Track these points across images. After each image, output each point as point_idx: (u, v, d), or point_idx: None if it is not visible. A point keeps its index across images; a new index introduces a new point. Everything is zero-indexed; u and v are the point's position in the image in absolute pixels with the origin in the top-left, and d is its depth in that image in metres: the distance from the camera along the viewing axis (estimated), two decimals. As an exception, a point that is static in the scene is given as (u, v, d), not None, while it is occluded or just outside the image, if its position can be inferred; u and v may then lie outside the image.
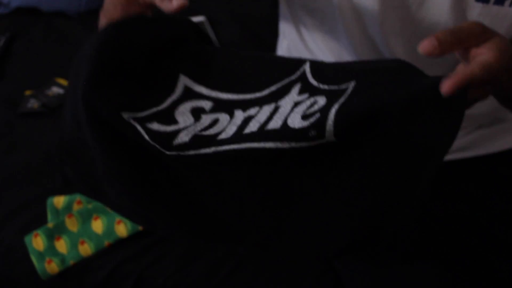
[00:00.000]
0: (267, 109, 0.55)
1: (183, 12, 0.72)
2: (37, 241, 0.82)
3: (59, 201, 0.86)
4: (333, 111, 0.51)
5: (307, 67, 0.57)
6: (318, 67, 0.57)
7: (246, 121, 0.55)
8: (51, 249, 0.82)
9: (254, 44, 1.25)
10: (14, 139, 1.01)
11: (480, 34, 0.55)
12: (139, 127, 0.55)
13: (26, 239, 0.83)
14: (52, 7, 1.32)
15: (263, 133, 0.52)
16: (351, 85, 0.53)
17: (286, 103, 0.55)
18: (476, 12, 0.73)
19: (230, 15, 1.33)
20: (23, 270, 0.83)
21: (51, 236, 0.83)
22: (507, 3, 0.71)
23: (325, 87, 0.55)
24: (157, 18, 0.65)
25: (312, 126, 0.51)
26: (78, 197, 0.86)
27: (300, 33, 0.87)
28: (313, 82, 0.56)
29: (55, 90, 1.01)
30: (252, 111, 0.56)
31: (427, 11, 0.74)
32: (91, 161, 0.59)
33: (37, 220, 0.87)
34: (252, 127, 0.54)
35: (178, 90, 0.58)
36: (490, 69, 0.52)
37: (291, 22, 0.87)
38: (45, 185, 0.93)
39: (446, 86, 0.51)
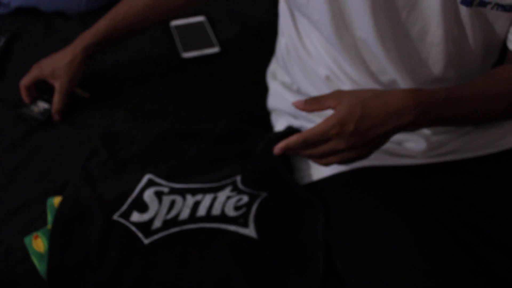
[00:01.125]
0: (209, 197, 0.84)
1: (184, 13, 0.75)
2: (37, 243, 0.82)
3: (59, 201, 0.86)
4: (254, 206, 0.84)
5: (238, 178, 0.87)
6: (246, 178, 0.87)
7: (196, 205, 0.83)
8: None
9: (254, 44, 1.25)
10: (14, 139, 1.01)
11: (335, 97, 0.70)
12: (126, 223, 0.81)
13: (26, 240, 0.83)
14: (52, 7, 1.32)
15: (210, 217, 0.82)
16: (264, 194, 0.85)
17: (221, 195, 0.85)
18: (463, 15, 0.74)
19: (230, 15, 1.33)
20: (23, 270, 0.83)
21: None
22: (489, 6, 0.72)
23: (248, 190, 0.86)
24: None
25: (240, 215, 0.83)
26: None
27: (298, 32, 0.87)
28: (240, 186, 0.86)
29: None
30: (198, 197, 0.84)
31: (418, 15, 0.75)
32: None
33: (37, 220, 0.87)
34: (201, 211, 0.83)
35: (144, 181, 0.87)
36: (309, 135, 0.69)
37: (289, 21, 0.88)
38: (45, 185, 0.93)
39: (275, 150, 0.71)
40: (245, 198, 0.85)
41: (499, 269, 0.73)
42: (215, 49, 1.23)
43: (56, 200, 0.86)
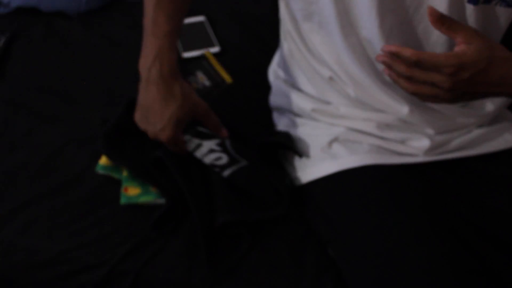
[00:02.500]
0: (195, 141, 0.88)
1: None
2: (132, 191, 0.87)
3: (104, 161, 0.92)
4: (226, 172, 0.86)
5: (228, 141, 0.90)
6: (235, 144, 0.90)
7: (198, 146, 0.89)
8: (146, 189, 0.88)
9: (254, 44, 1.25)
10: (14, 139, 1.01)
11: (469, 35, 0.66)
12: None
13: (123, 200, 0.87)
14: (52, 7, 1.32)
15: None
16: (243, 162, 0.87)
17: (206, 145, 0.88)
18: (469, 13, 0.74)
19: (230, 15, 1.33)
20: (23, 270, 0.83)
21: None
22: (493, 2, 0.72)
23: (232, 152, 0.88)
24: None
25: (212, 172, 0.87)
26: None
27: (301, 35, 0.86)
28: (227, 145, 0.89)
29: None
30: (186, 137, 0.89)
31: (424, 14, 0.74)
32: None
33: (37, 220, 0.87)
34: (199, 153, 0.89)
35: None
36: (427, 57, 0.65)
37: (291, 25, 0.87)
38: (45, 185, 0.93)
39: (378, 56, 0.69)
40: (224, 159, 0.86)
41: (501, 269, 0.73)
42: (215, 49, 1.23)
43: (103, 160, 0.92)
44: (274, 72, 1.03)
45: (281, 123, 0.97)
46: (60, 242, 0.85)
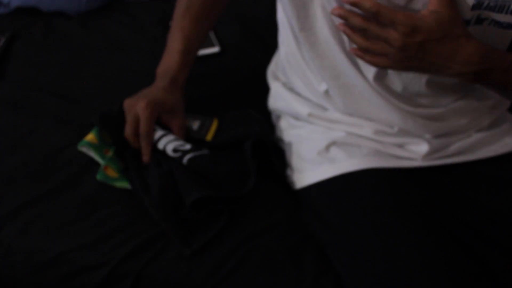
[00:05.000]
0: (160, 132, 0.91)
1: None
2: (110, 172, 0.90)
3: (91, 137, 0.93)
4: (187, 157, 0.87)
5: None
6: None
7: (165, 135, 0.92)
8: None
9: (254, 44, 1.25)
10: (14, 139, 1.01)
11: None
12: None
13: (99, 177, 0.89)
14: (52, 7, 1.32)
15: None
16: (205, 151, 0.89)
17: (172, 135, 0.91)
18: None
19: (230, 15, 1.33)
20: (23, 270, 0.83)
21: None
22: (486, 22, 0.72)
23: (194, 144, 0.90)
24: None
25: (175, 158, 0.88)
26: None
27: (297, 42, 0.86)
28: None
29: None
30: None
31: None
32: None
33: (37, 221, 0.87)
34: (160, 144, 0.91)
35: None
36: (384, 9, 0.65)
37: (288, 31, 0.87)
38: (45, 185, 0.93)
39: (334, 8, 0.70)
40: (188, 146, 0.89)
41: (500, 272, 0.73)
42: (215, 49, 1.23)
43: (89, 137, 0.93)
44: (272, 74, 1.03)
45: (279, 125, 0.97)
46: (60, 242, 0.85)
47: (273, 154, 0.92)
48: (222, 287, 0.80)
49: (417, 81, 0.79)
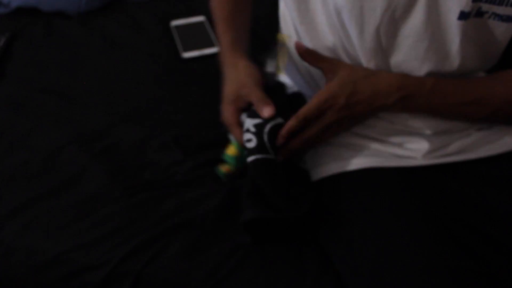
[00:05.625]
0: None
1: (184, 12, 0.75)
2: (231, 149, 0.87)
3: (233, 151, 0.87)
4: (250, 159, 0.77)
5: (270, 124, 0.79)
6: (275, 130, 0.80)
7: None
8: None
9: (254, 44, 1.25)
10: (14, 139, 1.01)
11: (331, 63, 0.78)
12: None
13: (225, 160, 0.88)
14: (52, 7, 1.32)
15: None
16: (273, 156, 0.78)
17: (247, 122, 0.80)
18: (461, 28, 0.73)
19: (230, 15, 1.33)
20: (23, 270, 0.83)
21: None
22: (486, 15, 0.72)
23: (265, 137, 0.78)
24: None
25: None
26: None
27: (299, 37, 0.86)
28: (266, 129, 0.79)
29: None
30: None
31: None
32: None
33: (37, 220, 0.87)
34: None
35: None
36: (307, 111, 0.75)
37: (290, 25, 0.87)
38: (45, 185, 0.93)
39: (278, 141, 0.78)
40: (253, 142, 0.78)
41: (501, 271, 0.73)
42: (215, 49, 1.23)
43: (231, 150, 0.87)
44: None
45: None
46: (60, 242, 0.85)
47: None
48: (222, 287, 0.80)
49: (413, 73, 0.80)
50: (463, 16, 0.72)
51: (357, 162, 0.83)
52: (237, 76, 0.85)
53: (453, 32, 0.74)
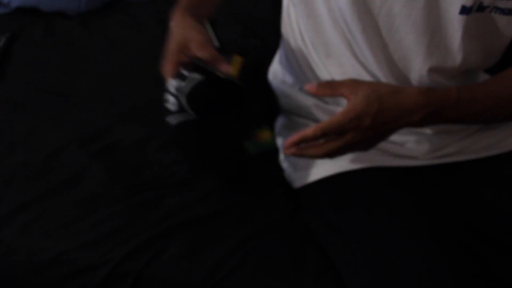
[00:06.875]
0: None
1: None
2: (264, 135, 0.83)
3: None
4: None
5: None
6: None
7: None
8: None
9: (254, 44, 1.25)
10: (14, 139, 1.01)
11: (351, 86, 0.72)
12: None
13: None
14: (52, 7, 1.32)
15: None
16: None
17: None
18: (463, 23, 0.73)
19: (230, 15, 1.33)
20: (23, 270, 0.83)
21: None
22: (487, 10, 0.72)
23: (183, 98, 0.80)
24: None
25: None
26: None
27: (301, 35, 0.86)
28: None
29: None
30: None
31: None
32: None
33: (37, 220, 0.87)
34: None
35: None
36: (328, 127, 0.70)
37: (294, 21, 0.87)
38: (45, 185, 0.93)
39: (285, 144, 0.72)
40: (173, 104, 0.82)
41: (501, 271, 0.73)
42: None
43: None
44: (273, 72, 1.03)
45: (281, 124, 0.97)
46: (60, 242, 0.85)
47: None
48: (222, 287, 0.80)
49: (419, 70, 0.80)
50: (464, 10, 0.71)
51: (357, 162, 0.83)
52: (185, 31, 0.83)
53: (455, 27, 0.73)
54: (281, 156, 0.96)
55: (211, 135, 0.82)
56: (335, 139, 0.71)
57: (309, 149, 0.73)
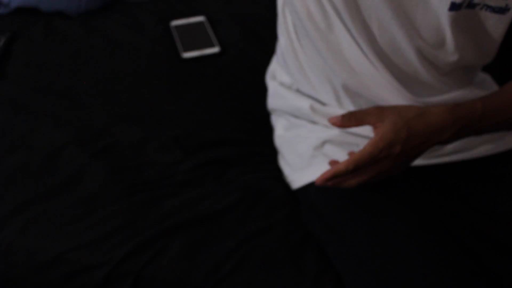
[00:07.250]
0: None
1: (184, 12, 0.74)
2: None
3: None
4: None
5: None
6: None
7: None
8: None
9: (254, 44, 1.25)
10: (14, 139, 1.01)
11: (376, 114, 0.71)
12: None
13: None
14: (52, 7, 1.32)
15: None
16: None
17: None
18: (452, 20, 0.73)
19: (230, 15, 1.33)
20: (23, 270, 0.83)
21: None
22: (478, 7, 0.72)
23: None
24: None
25: None
26: None
27: (296, 33, 0.86)
28: None
29: None
30: None
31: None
32: None
33: (37, 220, 0.87)
34: None
35: None
36: (360, 159, 0.69)
37: (289, 21, 0.87)
38: (45, 185, 0.93)
39: (317, 180, 0.72)
40: None
41: (501, 271, 0.73)
42: (215, 49, 1.23)
43: None
44: (271, 73, 1.03)
45: (279, 125, 0.97)
46: (60, 242, 0.85)
47: None
48: (222, 287, 0.80)
49: (413, 65, 0.80)
50: (454, 7, 0.72)
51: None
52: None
53: (444, 23, 0.74)
54: (280, 157, 0.97)
55: None
56: (368, 169, 0.72)
57: (343, 183, 0.74)
